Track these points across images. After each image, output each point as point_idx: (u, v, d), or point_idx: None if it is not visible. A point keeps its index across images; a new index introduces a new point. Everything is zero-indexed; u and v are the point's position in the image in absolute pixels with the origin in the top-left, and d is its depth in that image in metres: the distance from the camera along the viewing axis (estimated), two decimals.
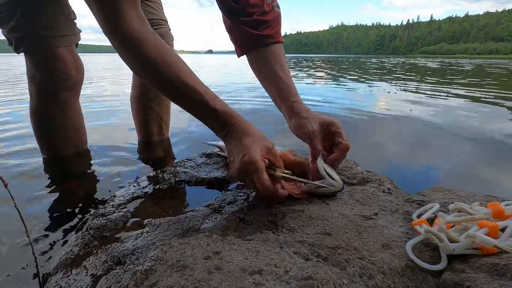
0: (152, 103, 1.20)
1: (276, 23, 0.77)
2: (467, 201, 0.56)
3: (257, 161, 0.53)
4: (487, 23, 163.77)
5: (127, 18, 0.55)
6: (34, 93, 1.02)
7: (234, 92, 3.13)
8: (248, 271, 0.41)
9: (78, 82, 1.05)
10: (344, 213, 0.57)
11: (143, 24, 0.59)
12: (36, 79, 0.99)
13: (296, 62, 13.33)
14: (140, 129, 1.28)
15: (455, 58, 50.84)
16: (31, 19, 0.91)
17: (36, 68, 0.98)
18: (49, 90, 1.00)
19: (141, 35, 0.57)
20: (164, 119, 1.29)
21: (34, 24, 0.92)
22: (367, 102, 2.51)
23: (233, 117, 0.60)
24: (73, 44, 1.02)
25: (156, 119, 1.25)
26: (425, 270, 0.40)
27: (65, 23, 0.98)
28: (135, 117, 1.27)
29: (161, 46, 0.60)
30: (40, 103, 1.02)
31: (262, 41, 0.76)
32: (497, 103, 2.41)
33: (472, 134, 1.49)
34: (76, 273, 0.45)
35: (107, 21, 0.56)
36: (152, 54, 0.57)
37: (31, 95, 1.03)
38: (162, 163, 1.09)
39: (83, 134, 1.15)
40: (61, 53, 0.97)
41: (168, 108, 1.27)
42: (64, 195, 0.87)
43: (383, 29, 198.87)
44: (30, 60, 0.98)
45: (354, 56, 55.97)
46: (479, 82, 4.49)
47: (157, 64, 0.57)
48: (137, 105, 1.22)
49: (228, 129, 0.60)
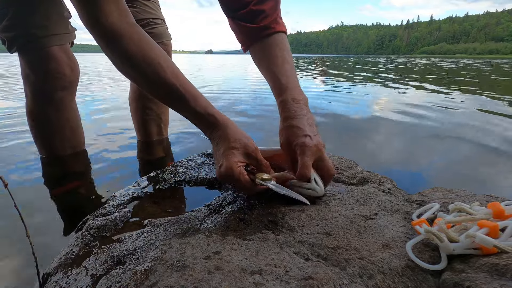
0: (151, 103, 1.20)
1: (274, 11, 0.73)
2: (467, 201, 0.56)
3: (233, 170, 0.54)
4: (487, 23, 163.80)
5: (106, 11, 0.54)
6: (29, 92, 1.01)
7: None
8: (248, 271, 0.41)
9: (73, 82, 1.04)
10: (344, 213, 0.57)
11: (125, 17, 0.57)
12: (30, 78, 0.99)
13: (296, 64, 13.32)
14: (139, 129, 1.27)
15: (468, 57, 50.35)
16: (24, 18, 0.91)
17: (30, 68, 0.97)
18: (44, 90, 1.00)
19: (121, 29, 0.55)
20: (163, 119, 1.29)
21: (27, 23, 0.91)
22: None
23: (216, 120, 0.59)
24: (67, 43, 1.02)
25: (155, 119, 1.25)
26: (425, 270, 0.40)
27: (58, 21, 0.97)
28: (134, 117, 1.26)
29: (143, 40, 0.57)
30: (35, 103, 1.02)
31: (258, 34, 0.73)
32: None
33: (472, 134, 1.49)
34: (76, 273, 0.45)
35: (86, 14, 0.55)
36: (132, 48, 0.56)
37: (26, 94, 1.03)
38: (162, 163, 1.09)
39: (81, 134, 1.15)
40: (55, 52, 0.97)
41: (167, 108, 1.27)
42: (64, 195, 0.87)
43: (383, 29, 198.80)
44: (24, 60, 0.97)
45: (358, 56, 55.92)
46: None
47: (137, 59, 0.56)
48: (136, 105, 1.21)
49: (212, 132, 0.59)
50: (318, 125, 0.65)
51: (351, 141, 1.36)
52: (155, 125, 1.26)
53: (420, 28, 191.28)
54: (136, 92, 1.19)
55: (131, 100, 1.23)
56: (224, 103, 2.37)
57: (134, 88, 1.20)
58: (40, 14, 0.93)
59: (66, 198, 0.85)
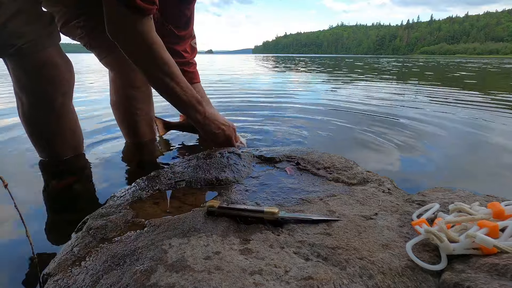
0: (139, 103, 1.17)
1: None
2: (467, 201, 0.56)
3: (232, 135, 1.00)
4: (487, 23, 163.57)
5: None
6: (26, 100, 0.96)
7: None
8: (248, 271, 0.41)
9: (72, 85, 1.02)
10: (344, 213, 0.57)
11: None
12: (30, 87, 0.94)
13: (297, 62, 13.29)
14: (129, 131, 1.24)
15: (484, 57, 49.77)
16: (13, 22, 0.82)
17: (27, 77, 0.92)
18: (44, 99, 0.96)
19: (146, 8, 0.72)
20: (153, 118, 1.27)
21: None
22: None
23: (201, 105, 0.88)
24: (59, 44, 0.97)
25: (145, 119, 1.22)
26: (425, 270, 0.40)
27: (45, 21, 0.91)
28: (122, 121, 1.23)
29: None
30: (33, 111, 0.98)
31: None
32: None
33: (472, 134, 1.49)
34: (76, 273, 0.45)
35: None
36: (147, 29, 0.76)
37: (21, 102, 0.98)
38: (161, 163, 1.09)
39: (80, 135, 1.14)
40: (53, 58, 0.93)
41: (153, 107, 1.26)
42: (64, 195, 0.87)
43: (383, 29, 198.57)
44: (17, 67, 0.91)
45: (358, 56, 55.79)
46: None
47: (150, 39, 0.77)
48: (123, 109, 1.18)
49: (202, 107, 0.89)
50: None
51: (353, 141, 1.36)
52: (146, 124, 1.24)
53: (420, 28, 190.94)
54: (121, 95, 1.16)
55: (117, 104, 1.19)
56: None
57: (118, 92, 1.17)
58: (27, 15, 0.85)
59: (66, 198, 0.85)
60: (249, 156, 0.90)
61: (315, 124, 1.62)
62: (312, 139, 1.35)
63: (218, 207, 0.57)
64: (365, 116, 1.86)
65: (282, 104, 2.26)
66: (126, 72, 1.12)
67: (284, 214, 0.55)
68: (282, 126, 1.56)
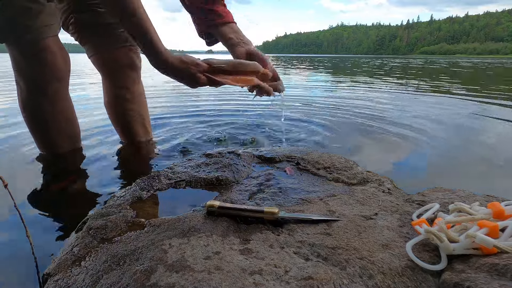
0: (131, 104, 1.17)
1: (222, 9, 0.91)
2: (467, 201, 0.56)
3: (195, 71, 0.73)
4: (487, 23, 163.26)
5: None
6: (23, 85, 1.02)
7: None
8: (248, 271, 0.41)
9: (66, 73, 1.06)
10: (344, 213, 0.57)
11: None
12: (25, 71, 0.99)
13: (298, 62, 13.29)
14: (122, 131, 1.25)
15: (484, 57, 49.76)
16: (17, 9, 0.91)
17: (24, 60, 0.98)
18: (39, 82, 1.01)
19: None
20: (146, 119, 1.27)
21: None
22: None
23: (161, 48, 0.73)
24: (58, 34, 1.03)
25: (138, 119, 1.23)
26: (425, 270, 0.40)
27: (49, 11, 0.98)
28: (116, 122, 1.24)
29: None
30: (30, 96, 1.03)
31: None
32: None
33: (473, 134, 1.49)
34: (76, 273, 0.45)
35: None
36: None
37: (19, 87, 1.03)
38: (160, 163, 1.09)
39: (76, 125, 1.15)
40: (49, 44, 0.98)
41: (147, 107, 1.26)
42: (64, 195, 0.87)
43: (383, 29, 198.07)
44: (17, 52, 0.98)
45: (358, 56, 55.77)
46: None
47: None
48: (116, 110, 1.19)
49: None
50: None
51: (353, 140, 1.36)
52: (140, 125, 1.25)
53: (420, 28, 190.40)
54: (111, 95, 1.16)
55: (110, 105, 1.20)
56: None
57: (108, 93, 1.17)
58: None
59: (66, 198, 0.85)
60: (249, 156, 0.90)
61: (315, 124, 1.62)
62: (312, 139, 1.35)
63: (218, 207, 0.57)
64: (365, 116, 1.86)
65: (281, 104, 2.26)
66: (112, 72, 1.14)
67: (284, 214, 0.55)
68: (282, 126, 1.56)
